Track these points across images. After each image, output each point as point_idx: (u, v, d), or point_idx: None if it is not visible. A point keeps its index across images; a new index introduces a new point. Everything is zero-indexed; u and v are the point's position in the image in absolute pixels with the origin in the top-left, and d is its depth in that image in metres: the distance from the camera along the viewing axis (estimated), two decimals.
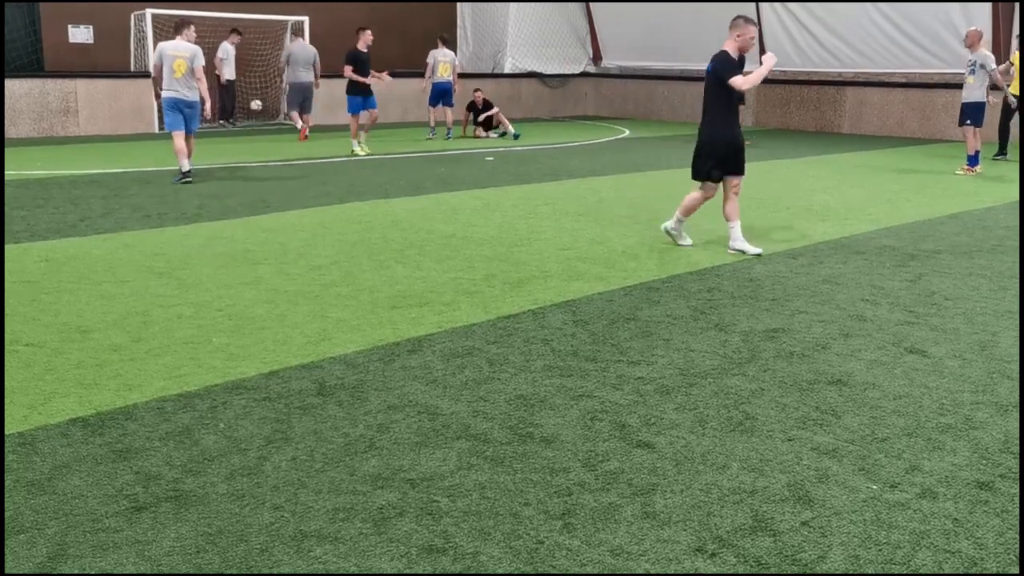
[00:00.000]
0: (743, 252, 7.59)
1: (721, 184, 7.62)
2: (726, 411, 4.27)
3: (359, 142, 14.82)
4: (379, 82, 15.02)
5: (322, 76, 16.62)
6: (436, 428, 4.01)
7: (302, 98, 16.56)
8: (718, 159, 7.49)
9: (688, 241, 7.94)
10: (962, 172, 13.04)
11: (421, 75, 17.97)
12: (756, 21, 7.29)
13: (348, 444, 3.84)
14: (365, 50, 14.35)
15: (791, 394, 4.50)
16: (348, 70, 14.29)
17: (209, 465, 3.62)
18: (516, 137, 17.62)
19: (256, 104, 19.01)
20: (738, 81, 7.22)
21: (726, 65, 7.27)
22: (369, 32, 14.59)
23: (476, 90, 18.60)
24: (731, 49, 7.32)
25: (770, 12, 21.31)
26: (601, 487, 3.48)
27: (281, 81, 17.52)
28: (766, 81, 21.55)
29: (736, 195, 7.62)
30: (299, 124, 16.58)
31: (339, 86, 20.57)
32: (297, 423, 4.05)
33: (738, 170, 7.57)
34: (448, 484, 3.49)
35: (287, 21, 19.53)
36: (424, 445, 3.84)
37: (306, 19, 19.38)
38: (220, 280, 6.53)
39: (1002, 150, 14.89)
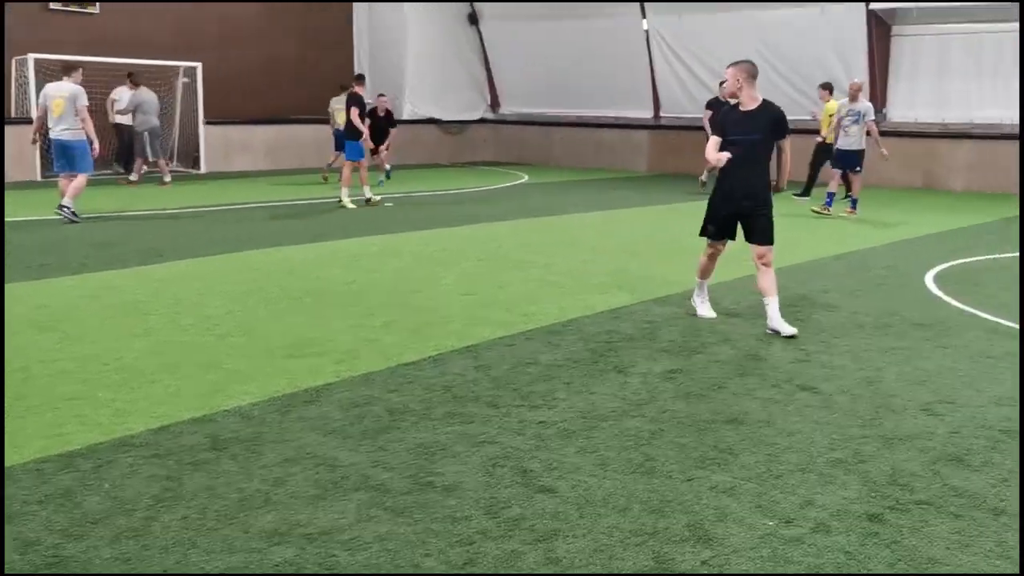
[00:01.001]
0: (778, 332, 6.55)
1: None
2: (627, 453, 4.29)
3: (367, 187, 14.23)
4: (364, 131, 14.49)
5: (212, 122, 16.70)
6: (335, 480, 3.92)
7: (156, 141, 17.09)
8: (713, 216, 6.82)
9: (706, 311, 7.08)
10: (846, 214, 13.69)
11: (318, 121, 17.89)
12: (743, 64, 6.50)
13: (243, 500, 3.71)
14: (368, 99, 14.10)
15: (689, 434, 4.56)
16: (355, 113, 13.62)
17: (92, 528, 3.44)
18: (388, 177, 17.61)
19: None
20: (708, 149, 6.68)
21: (713, 118, 6.64)
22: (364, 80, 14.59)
23: (381, 95, 18.13)
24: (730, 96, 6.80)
25: (662, 62, 22.00)
26: (503, 534, 3.45)
27: (126, 129, 17.30)
28: (661, 127, 22.39)
29: (764, 266, 6.65)
30: (167, 175, 17.01)
31: (235, 132, 20.47)
32: (188, 480, 3.90)
33: (745, 237, 6.74)
34: (347, 537, 3.40)
35: (180, 67, 19.22)
36: (322, 498, 3.74)
37: (199, 65, 19.10)
38: (107, 332, 6.28)
39: (807, 191, 15.60)
